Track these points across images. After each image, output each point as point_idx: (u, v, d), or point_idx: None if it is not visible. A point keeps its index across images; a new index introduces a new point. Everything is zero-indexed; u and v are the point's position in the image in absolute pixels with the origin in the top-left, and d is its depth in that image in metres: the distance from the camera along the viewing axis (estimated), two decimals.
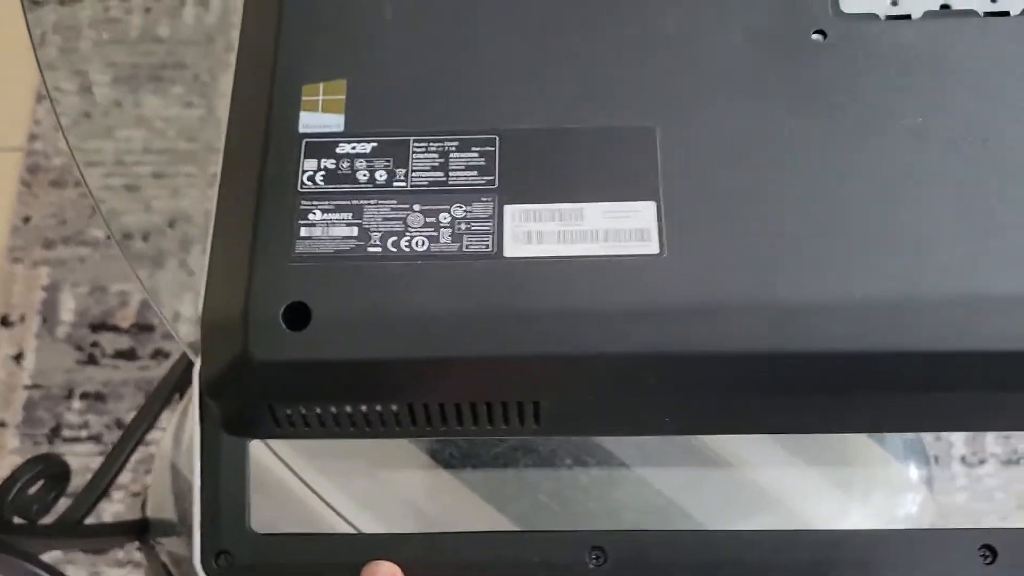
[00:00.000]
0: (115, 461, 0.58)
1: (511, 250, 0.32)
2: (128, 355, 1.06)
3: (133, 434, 0.59)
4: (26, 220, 1.11)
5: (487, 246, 0.32)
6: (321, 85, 0.34)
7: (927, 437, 0.91)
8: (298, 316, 0.31)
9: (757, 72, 0.34)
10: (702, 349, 0.30)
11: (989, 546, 0.32)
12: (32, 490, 0.54)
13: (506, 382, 0.31)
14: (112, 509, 0.92)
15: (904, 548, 0.33)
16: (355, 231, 0.32)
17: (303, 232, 0.32)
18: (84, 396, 1.05)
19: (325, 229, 0.32)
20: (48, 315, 1.07)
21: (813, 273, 0.31)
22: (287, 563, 0.33)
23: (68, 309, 1.08)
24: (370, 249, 0.32)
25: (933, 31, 0.34)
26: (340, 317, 0.31)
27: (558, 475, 0.42)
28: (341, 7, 0.35)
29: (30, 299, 1.08)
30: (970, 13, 0.35)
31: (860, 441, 0.50)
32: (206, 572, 0.33)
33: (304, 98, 0.34)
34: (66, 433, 1.04)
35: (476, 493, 0.42)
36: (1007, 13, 0.35)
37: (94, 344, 1.06)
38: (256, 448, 0.39)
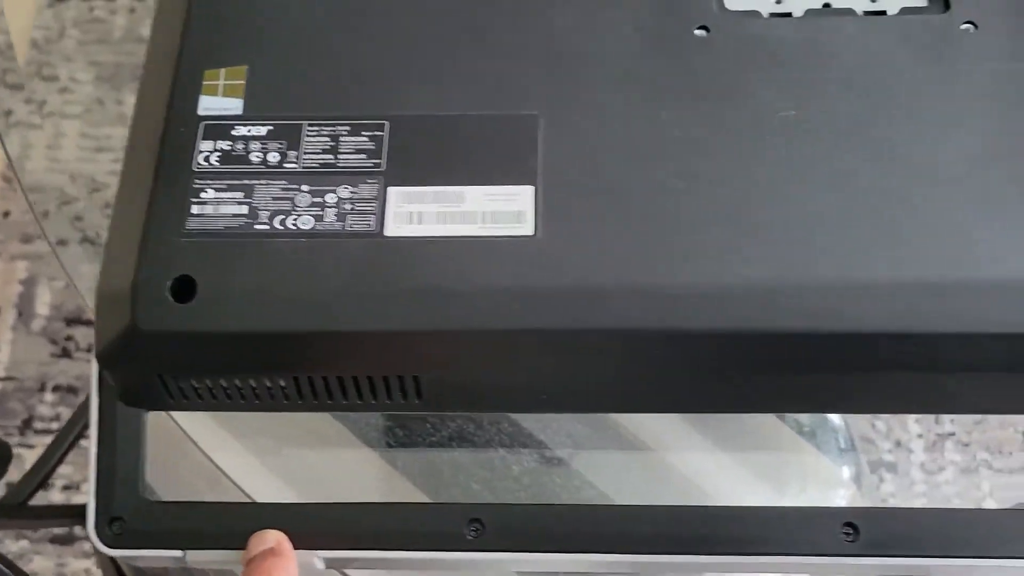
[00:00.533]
0: (61, 443, 0.59)
1: (392, 230, 0.33)
2: None
3: (80, 418, 0.60)
4: (5, 215, 1.13)
5: (369, 225, 0.33)
6: (222, 71, 0.36)
7: (884, 443, 0.92)
8: (184, 289, 0.32)
9: (640, 65, 0.35)
10: (570, 325, 0.31)
11: (851, 524, 0.33)
12: None
13: (384, 357, 0.32)
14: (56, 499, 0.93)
15: (768, 524, 0.34)
16: (245, 209, 0.33)
17: (194, 210, 0.33)
18: (56, 389, 1.06)
19: (216, 207, 0.33)
20: (24, 308, 1.08)
21: (683, 256, 0.32)
22: (179, 529, 0.34)
23: (44, 303, 1.09)
24: (257, 227, 0.33)
25: (813, 28, 0.36)
26: (225, 291, 0.32)
27: (488, 460, 0.44)
28: None
29: (7, 292, 1.09)
30: (849, 12, 0.36)
31: (788, 435, 0.51)
32: (99, 538, 0.34)
33: (205, 83, 0.35)
34: (37, 425, 1.05)
35: (399, 472, 0.44)
36: (884, 13, 0.36)
37: (68, 338, 1.08)
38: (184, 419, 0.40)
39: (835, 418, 0.52)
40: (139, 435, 0.35)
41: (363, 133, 0.34)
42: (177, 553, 0.34)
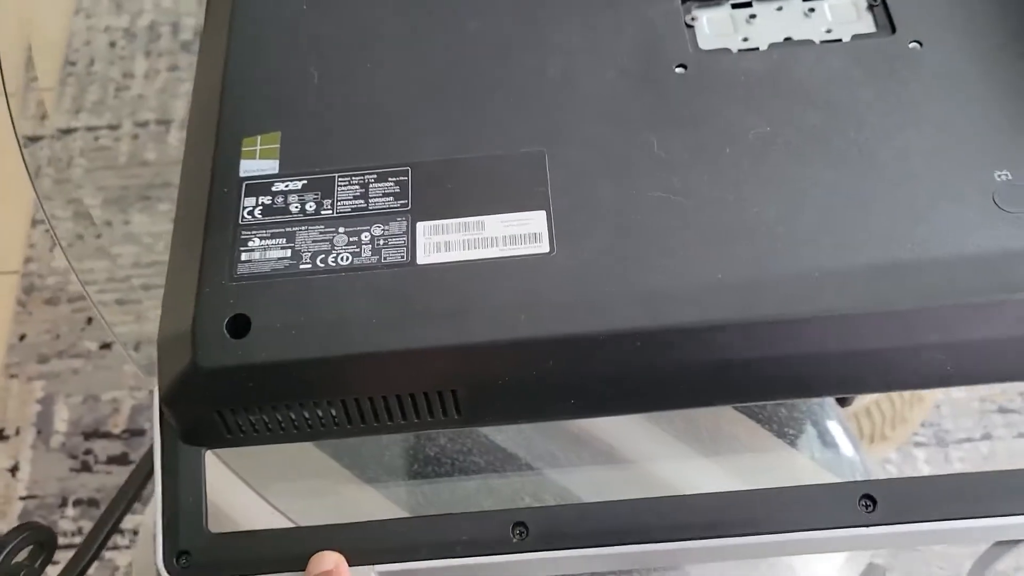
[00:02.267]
0: (101, 529, 0.61)
1: (423, 258, 0.36)
2: (120, 460, 1.09)
3: (120, 502, 0.62)
4: (22, 338, 1.16)
5: (402, 256, 0.37)
6: (259, 137, 0.40)
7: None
8: (240, 326, 0.35)
9: (630, 101, 0.40)
10: (590, 330, 0.35)
11: (869, 495, 0.36)
12: (19, 558, 0.56)
13: (423, 373, 0.36)
14: None
15: (790, 503, 0.36)
16: (288, 252, 0.37)
17: (243, 257, 0.37)
18: (77, 503, 1.07)
19: (263, 253, 0.37)
20: (43, 426, 1.10)
21: (679, 259, 0.36)
22: (241, 559, 0.37)
23: (62, 419, 1.11)
24: (302, 266, 0.37)
25: (777, 58, 0.40)
26: (276, 324, 0.35)
27: (471, 484, 0.46)
28: (274, 70, 0.41)
29: (25, 412, 1.11)
30: (808, 42, 0.41)
31: (786, 452, 0.53)
32: (168, 572, 0.37)
33: (244, 148, 0.40)
34: (60, 541, 1.06)
35: (396, 504, 0.46)
36: (839, 40, 0.41)
37: (87, 452, 1.10)
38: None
39: (849, 450, 0.54)
40: (200, 472, 0.38)
41: (389, 179, 0.38)
42: None
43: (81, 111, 1.31)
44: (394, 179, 0.38)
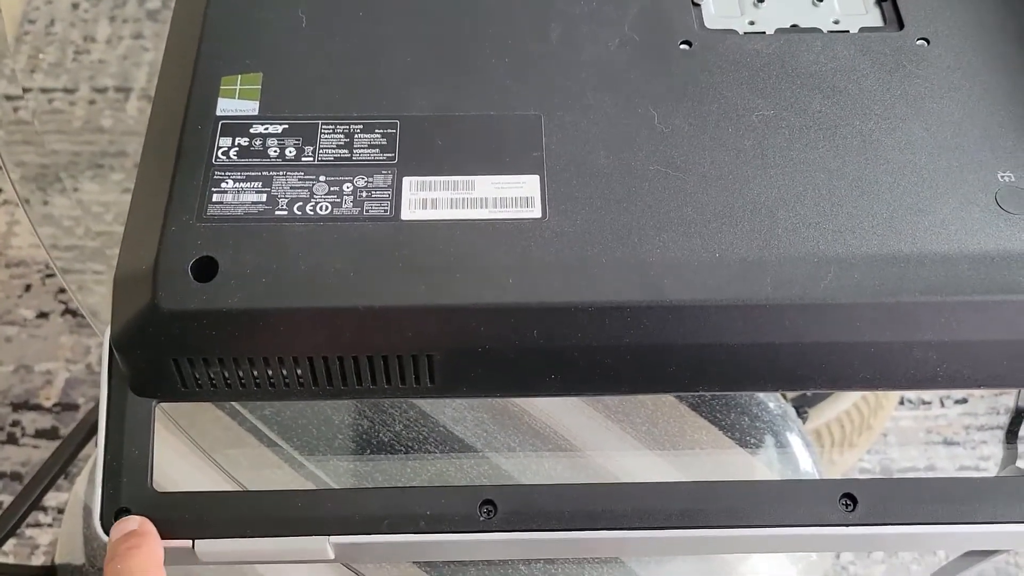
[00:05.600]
0: (23, 503, 0.57)
1: (408, 214, 0.34)
2: (49, 434, 1.05)
3: (44, 475, 0.59)
4: None
5: (386, 210, 0.35)
6: (239, 76, 0.37)
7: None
8: (206, 269, 0.33)
9: (631, 71, 0.38)
10: (578, 300, 0.33)
11: (850, 495, 0.35)
12: None
13: (400, 334, 0.33)
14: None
15: (771, 497, 0.35)
16: (264, 197, 0.35)
17: (215, 198, 0.35)
18: (0, 476, 1.02)
19: (236, 195, 0.35)
20: None
21: (676, 235, 0.34)
22: (185, 520, 0.34)
23: None
24: (277, 212, 0.34)
25: (784, 43, 0.39)
26: (246, 270, 0.33)
27: (424, 465, 0.44)
28: (259, 9, 0.39)
29: None
30: (815, 30, 0.40)
31: (743, 460, 0.52)
32: (105, 530, 0.34)
33: (223, 87, 0.37)
34: None
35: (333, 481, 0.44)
36: (847, 31, 0.40)
37: (14, 423, 1.05)
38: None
39: (808, 464, 0.53)
40: (148, 426, 0.35)
41: (376, 131, 0.36)
42: (186, 543, 0.34)
43: (36, 71, 1.26)
44: (381, 131, 0.36)
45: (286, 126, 0.36)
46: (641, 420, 0.49)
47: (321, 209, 0.34)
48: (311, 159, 0.36)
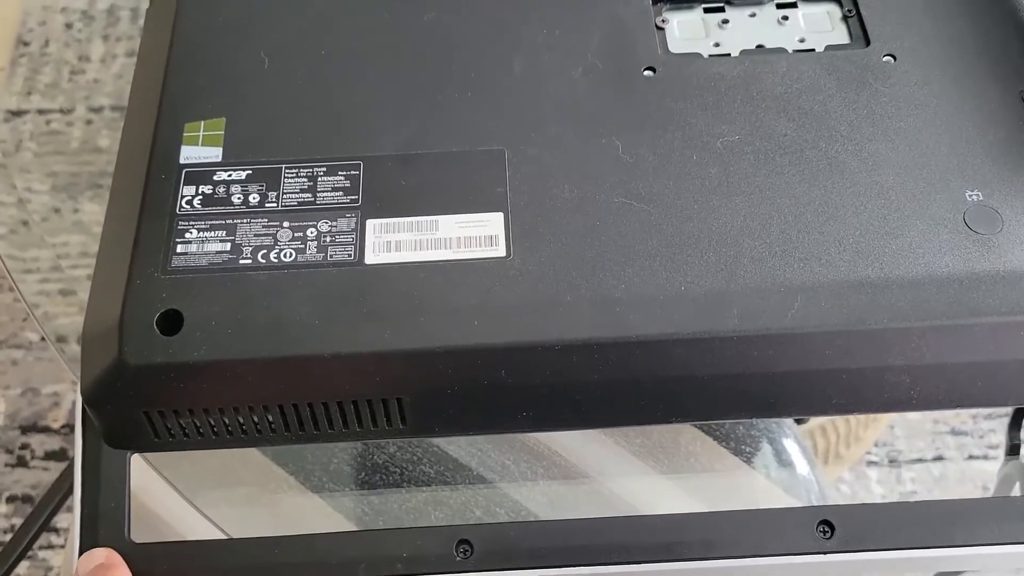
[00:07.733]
0: (31, 527, 0.58)
1: (372, 258, 0.34)
2: (59, 456, 1.05)
3: (51, 499, 0.59)
4: None
5: (349, 255, 0.35)
6: (201, 123, 0.38)
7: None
8: (172, 322, 0.33)
9: (596, 102, 0.38)
10: (545, 339, 0.33)
11: (827, 522, 0.35)
12: None
13: (367, 379, 0.33)
14: None
15: (747, 527, 0.35)
16: (228, 246, 0.35)
17: (179, 248, 0.35)
18: (11, 499, 1.03)
19: (200, 245, 0.35)
20: None
21: (642, 269, 0.34)
22: (163, 570, 0.34)
23: None
24: (242, 261, 0.34)
25: (749, 65, 0.39)
26: (211, 322, 0.33)
27: (421, 495, 0.44)
28: (221, 54, 0.39)
29: None
30: (780, 51, 0.40)
31: (742, 471, 0.52)
32: None
33: (186, 134, 0.37)
34: None
35: (342, 514, 0.44)
36: (812, 50, 0.40)
37: (23, 446, 1.06)
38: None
39: (805, 469, 0.53)
40: (123, 477, 0.35)
41: (339, 173, 0.36)
42: None
43: (33, 93, 1.26)
44: (344, 173, 0.36)
45: (250, 171, 0.36)
46: (635, 432, 0.49)
47: (285, 256, 0.35)
48: (275, 204, 0.36)
